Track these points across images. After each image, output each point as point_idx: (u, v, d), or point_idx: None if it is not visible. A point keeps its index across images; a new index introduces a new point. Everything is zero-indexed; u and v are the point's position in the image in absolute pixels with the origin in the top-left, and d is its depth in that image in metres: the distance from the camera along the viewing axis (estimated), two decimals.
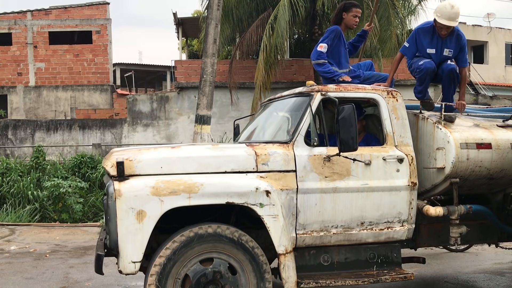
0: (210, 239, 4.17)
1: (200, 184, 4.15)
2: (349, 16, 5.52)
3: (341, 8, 5.55)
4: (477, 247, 8.15)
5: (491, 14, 28.29)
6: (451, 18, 4.99)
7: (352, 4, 5.55)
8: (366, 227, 4.69)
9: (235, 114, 16.05)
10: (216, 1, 10.50)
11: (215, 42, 10.49)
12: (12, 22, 22.69)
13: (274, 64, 15.02)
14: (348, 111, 4.26)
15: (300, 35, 20.89)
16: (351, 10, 5.50)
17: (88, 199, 12.19)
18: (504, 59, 28.85)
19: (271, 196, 4.24)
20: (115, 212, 4.00)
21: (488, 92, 22.69)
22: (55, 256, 7.89)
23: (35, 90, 22.59)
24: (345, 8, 5.52)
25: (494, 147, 4.98)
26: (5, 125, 18.70)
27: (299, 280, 4.37)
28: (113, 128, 18.48)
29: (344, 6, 5.55)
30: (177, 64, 19.08)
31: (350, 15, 5.51)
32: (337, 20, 5.56)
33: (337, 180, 4.58)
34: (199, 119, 10.36)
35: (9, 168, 12.80)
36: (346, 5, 5.53)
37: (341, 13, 5.53)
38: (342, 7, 5.54)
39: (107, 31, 22.88)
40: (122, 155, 4.27)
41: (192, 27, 22.00)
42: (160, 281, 4.06)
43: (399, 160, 4.73)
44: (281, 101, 5.35)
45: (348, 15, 5.52)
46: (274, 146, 4.55)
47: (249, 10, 16.42)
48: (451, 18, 4.99)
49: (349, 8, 5.51)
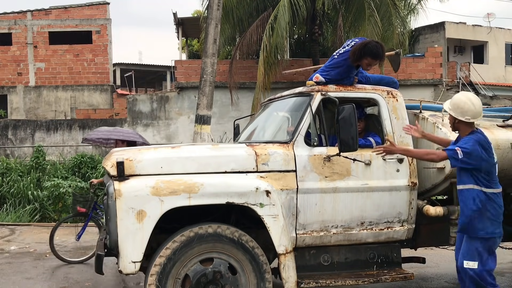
0: (210, 239, 4.17)
1: (200, 184, 4.15)
2: (363, 61, 4.88)
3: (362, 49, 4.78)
4: None
5: (491, 14, 28.28)
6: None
7: (371, 52, 4.80)
8: (366, 227, 4.69)
9: (235, 114, 16.05)
10: (216, 1, 10.50)
11: (215, 42, 10.49)
12: (12, 22, 22.68)
13: (274, 64, 15.02)
14: (348, 111, 4.26)
15: (300, 35, 20.89)
16: (367, 58, 4.83)
17: None
18: (504, 59, 28.83)
19: (271, 196, 4.24)
20: (115, 212, 4.00)
21: (488, 92, 22.69)
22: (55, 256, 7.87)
23: (35, 90, 22.58)
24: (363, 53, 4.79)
25: (494, 147, 4.95)
26: (5, 125, 18.70)
27: (299, 280, 4.37)
28: None
29: (364, 49, 4.78)
30: (177, 64, 19.08)
31: (365, 61, 4.88)
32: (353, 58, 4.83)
33: (337, 180, 4.58)
34: (199, 119, 10.36)
35: (9, 168, 12.80)
36: (366, 51, 4.78)
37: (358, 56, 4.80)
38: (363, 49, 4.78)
39: (107, 31, 22.87)
40: (122, 155, 4.27)
41: (192, 27, 22.01)
42: (160, 281, 4.06)
43: (399, 160, 4.73)
44: (281, 101, 5.35)
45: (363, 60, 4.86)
46: (274, 146, 4.55)
47: (249, 10, 16.43)
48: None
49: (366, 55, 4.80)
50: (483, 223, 4.18)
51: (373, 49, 4.78)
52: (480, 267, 4.17)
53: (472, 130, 4.29)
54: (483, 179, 4.19)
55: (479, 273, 4.17)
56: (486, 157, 4.17)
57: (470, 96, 4.36)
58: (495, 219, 4.20)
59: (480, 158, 4.14)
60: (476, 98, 4.35)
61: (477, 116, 4.27)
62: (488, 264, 4.19)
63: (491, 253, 4.23)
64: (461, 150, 4.12)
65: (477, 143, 4.17)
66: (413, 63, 18.33)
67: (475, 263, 4.19)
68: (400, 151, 4.45)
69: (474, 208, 4.18)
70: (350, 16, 15.72)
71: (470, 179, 4.20)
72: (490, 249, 4.23)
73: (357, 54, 4.78)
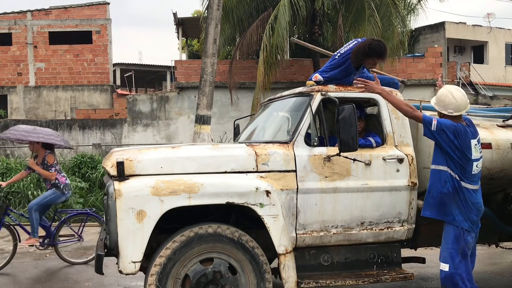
0: (210, 239, 4.17)
1: (200, 184, 4.15)
2: (367, 61, 4.85)
3: (364, 48, 4.72)
4: (477, 247, 8.13)
5: (491, 14, 28.30)
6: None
7: (374, 52, 4.72)
8: (366, 227, 4.68)
9: (235, 114, 16.05)
10: (216, 1, 10.49)
11: (215, 42, 10.49)
12: (12, 22, 22.69)
13: (274, 64, 15.02)
14: (348, 111, 4.25)
15: (300, 35, 20.88)
16: (370, 58, 4.77)
17: (88, 199, 12.18)
18: (504, 59, 28.84)
19: (271, 196, 4.24)
20: (115, 212, 4.00)
21: (488, 92, 22.70)
22: (55, 256, 7.87)
23: (35, 90, 22.59)
24: (366, 52, 4.72)
25: (494, 147, 4.98)
26: (5, 125, 18.69)
27: (299, 280, 4.37)
28: (113, 128, 18.48)
29: (367, 48, 4.71)
30: (177, 64, 19.09)
31: (368, 61, 4.85)
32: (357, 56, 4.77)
33: (337, 180, 4.57)
34: (199, 119, 10.36)
35: (9, 168, 12.79)
36: (369, 50, 4.71)
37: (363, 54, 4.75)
38: (365, 49, 4.71)
39: (107, 31, 22.88)
40: (122, 155, 4.27)
41: (192, 27, 22.02)
42: (160, 281, 4.06)
43: (399, 160, 4.73)
44: (281, 101, 5.34)
45: (366, 59, 4.82)
46: (274, 146, 4.55)
47: (249, 10, 16.43)
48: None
49: (369, 55, 4.74)
50: (450, 208, 4.08)
51: (376, 48, 4.75)
52: (451, 269, 4.12)
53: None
54: (456, 169, 4.11)
55: (450, 275, 4.11)
56: (458, 146, 4.07)
57: (452, 89, 4.29)
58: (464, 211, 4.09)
59: (450, 142, 4.06)
60: (459, 91, 4.27)
61: (460, 109, 4.18)
62: (460, 268, 4.10)
63: (464, 257, 4.13)
64: (437, 122, 4.08)
65: (454, 129, 4.09)
66: (413, 63, 18.33)
67: (446, 265, 4.15)
68: (379, 89, 4.39)
69: (444, 191, 4.08)
70: (350, 16, 15.72)
71: (444, 161, 4.12)
72: (464, 253, 4.15)
73: (360, 54, 4.75)
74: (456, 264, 4.11)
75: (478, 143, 4.24)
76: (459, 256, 4.11)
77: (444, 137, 4.09)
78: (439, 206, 4.20)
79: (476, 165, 4.18)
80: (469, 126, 4.26)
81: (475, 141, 4.19)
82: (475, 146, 4.16)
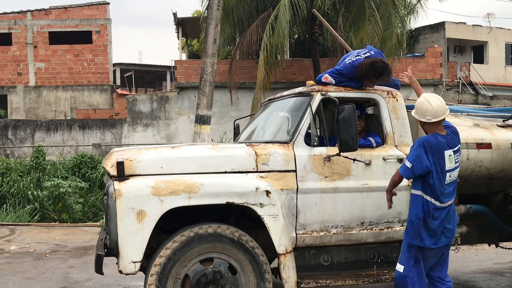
0: (210, 239, 4.17)
1: (200, 184, 4.15)
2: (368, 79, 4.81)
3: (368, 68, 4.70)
4: (477, 247, 8.15)
5: (491, 14, 28.29)
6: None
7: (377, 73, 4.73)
8: (366, 227, 4.69)
9: (235, 114, 16.05)
10: (216, 1, 10.49)
11: (215, 42, 10.48)
12: (12, 22, 22.69)
13: (274, 64, 15.02)
14: (348, 111, 4.25)
15: (300, 35, 20.89)
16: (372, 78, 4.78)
17: (88, 199, 12.19)
18: (504, 59, 28.83)
19: (271, 196, 4.24)
20: (115, 212, 4.00)
21: (488, 92, 22.70)
22: (55, 256, 7.88)
23: (35, 90, 22.59)
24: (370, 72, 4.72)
25: (494, 147, 4.98)
26: (5, 125, 18.70)
27: (299, 280, 4.37)
28: (113, 128, 18.48)
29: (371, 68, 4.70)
30: (177, 64, 19.09)
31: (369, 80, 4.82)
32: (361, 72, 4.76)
33: (337, 180, 4.58)
34: (199, 119, 10.35)
35: (9, 168, 12.80)
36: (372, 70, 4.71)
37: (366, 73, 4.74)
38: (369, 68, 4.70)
39: (107, 31, 22.88)
40: (122, 155, 4.27)
41: (192, 27, 22.02)
42: (160, 281, 4.06)
43: (399, 160, 4.73)
44: (281, 101, 5.35)
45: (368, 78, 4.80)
46: (274, 146, 4.55)
47: (249, 10, 16.42)
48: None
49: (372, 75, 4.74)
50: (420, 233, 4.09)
51: (379, 70, 4.73)
52: (405, 272, 4.15)
53: (435, 131, 4.14)
54: (432, 187, 4.06)
55: (403, 277, 4.15)
56: (433, 162, 4.02)
57: (429, 96, 4.24)
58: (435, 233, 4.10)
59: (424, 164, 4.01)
60: (436, 98, 4.20)
61: (438, 115, 4.11)
62: (412, 271, 4.12)
63: (416, 262, 4.14)
64: (407, 160, 4.07)
65: (419, 146, 4.05)
66: (413, 63, 18.33)
67: (402, 266, 4.19)
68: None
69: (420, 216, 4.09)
70: (350, 16, 15.72)
71: (419, 185, 4.11)
72: (416, 258, 4.15)
73: (364, 72, 4.74)
74: (410, 267, 4.15)
75: (455, 153, 4.14)
76: (412, 260, 4.15)
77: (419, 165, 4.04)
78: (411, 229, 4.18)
79: (450, 175, 4.11)
80: (448, 136, 4.16)
81: (450, 151, 4.09)
82: (450, 156, 4.09)
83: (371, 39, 13.98)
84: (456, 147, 4.16)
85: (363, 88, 4.91)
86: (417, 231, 4.12)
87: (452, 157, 4.12)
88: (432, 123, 4.14)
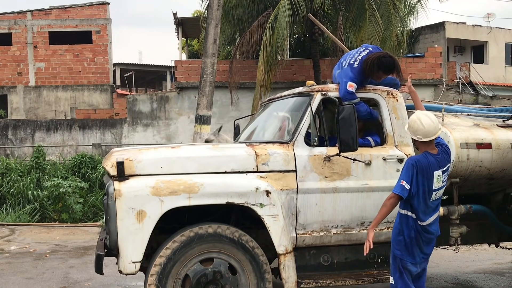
0: (210, 239, 4.17)
1: (200, 184, 4.15)
2: (376, 74, 4.84)
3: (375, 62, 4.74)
4: (477, 247, 8.15)
5: (491, 14, 28.27)
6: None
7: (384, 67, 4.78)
8: (366, 227, 4.68)
9: (235, 114, 16.05)
10: (216, 1, 10.49)
11: (215, 42, 10.48)
12: (12, 22, 22.68)
13: (274, 64, 15.02)
14: (348, 111, 4.26)
15: (300, 35, 20.89)
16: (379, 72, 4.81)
17: (88, 199, 12.19)
18: (504, 59, 28.82)
19: (271, 196, 4.24)
20: (115, 212, 4.00)
21: (488, 92, 22.68)
22: (55, 256, 7.89)
23: (35, 90, 22.58)
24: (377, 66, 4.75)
25: (494, 147, 4.98)
26: (5, 125, 18.70)
27: (299, 280, 4.37)
28: (113, 128, 18.48)
29: (378, 63, 4.74)
30: (177, 64, 19.09)
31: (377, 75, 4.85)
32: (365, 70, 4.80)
33: (337, 180, 4.58)
34: (199, 119, 10.36)
35: (9, 168, 12.80)
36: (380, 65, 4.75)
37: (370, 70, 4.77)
38: (376, 63, 4.74)
39: (107, 31, 22.87)
40: (122, 155, 4.27)
41: (192, 27, 22.01)
42: (160, 281, 4.06)
43: (399, 160, 4.73)
44: (281, 101, 5.35)
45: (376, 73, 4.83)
46: (274, 146, 4.55)
47: (249, 10, 16.42)
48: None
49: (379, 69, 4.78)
50: (406, 251, 4.12)
51: (387, 64, 4.76)
52: (393, 284, 4.21)
53: (426, 150, 4.14)
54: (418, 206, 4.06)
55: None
56: (422, 183, 4.03)
57: (421, 115, 4.20)
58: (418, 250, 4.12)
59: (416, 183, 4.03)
60: (427, 117, 4.15)
61: (429, 135, 4.09)
62: (399, 283, 4.15)
63: (401, 273, 4.16)
64: (403, 181, 4.06)
65: (412, 167, 4.05)
66: (413, 63, 18.33)
67: (392, 278, 4.24)
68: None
69: (406, 234, 4.11)
70: (350, 16, 15.72)
71: (407, 204, 4.11)
72: (400, 270, 4.17)
73: (370, 67, 4.74)
74: (396, 279, 4.19)
75: (444, 173, 4.13)
76: (398, 272, 4.18)
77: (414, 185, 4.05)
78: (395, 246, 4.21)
79: (435, 194, 4.13)
80: (439, 155, 4.15)
81: (439, 171, 4.09)
82: (438, 177, 4.09)
83: (371, 39, 13.97)
84: (446, 166, 4.16)
85: (364, 87, 4.91)
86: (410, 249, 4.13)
87: (441, 177, 4.13)
88: (423, 141, 4.15)
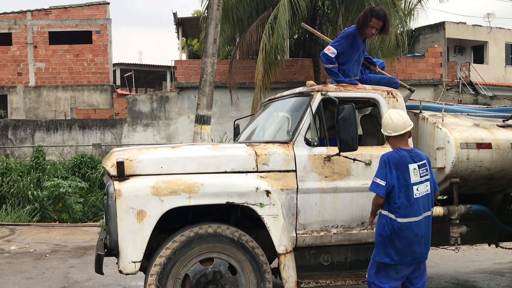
0: (210, 239, 4.17)
1: (200, 184, 4.15)
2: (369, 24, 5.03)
3: (366, 13, 5.05)
4: (477, 247, 8.15)
5: (491, 14, 28.28)
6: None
7: (373, 13, 5.02)
8: (367, 227, 4.68)
9: (235, 114, 16.06)
10: (216, 1, 10.49)
11: (215, 42, 10.48)
12: (12, 22, 22.69)
13: (274, 64, 15.02)
14: (348, 111, 4.26)
15: (300, 35, 20.89)
16: (371, 20, 5.01)
17: (88, 199, 12.20)
18: (504, 59, 28.82)
19: (271, 196, 4.24)
20: (115, 212, 4.00)
21: (488, 92, 22.69)
22: (55, 256, 7.89)
23: (35, 90, 22.59)
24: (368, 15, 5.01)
25: (494, 147, 4.98)
26: (5, 125, 18.70)
27: (299, 280, 4.37)
28: (113, 128, 18.49)
29: (367, 12, 5.05)
30: (177, 64, 19.09)
31: (370, 24, 5.03)
32: (359, 23, 5.07)
33: (337, 180, 4.58)
34: (199, 119, 10.36)
35: (9, 168, 12.80)
36: (367, 13, 5.03)
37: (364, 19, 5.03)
38: (367, 12, 5.04)
39: (107, 31, 22.88)
40: (122, 155, 4.27)
41: (192, 27, 22.02)
42: (160, 281, 4.06)
43: None
44: (281, 101, 5.35)
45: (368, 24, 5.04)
46: (274, 146, 4.55)
47: (249, 10, 16.42)
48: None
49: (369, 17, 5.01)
50: (386, 249, 4.08)
51: (377, 11, 5.04)
52: (368, 278, 4.24)
53: (398, 146, 4.16)
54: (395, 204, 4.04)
55: (368, 281, 4.26)
56: (397, 177, 4.03)
57: (392, 112, 4.30)
58: (403, 250, 4.05)
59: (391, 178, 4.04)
60: (397, 113, 4.22)
61: (397, 129, 4.12)
62: (375, 279, 4.16)
63: (378, 270, 4.16)
64: (377, 178, 4.08)
65: (384, 163, 4.08)
66: (413, 63, 18.32)
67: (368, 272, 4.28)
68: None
69: (383, 234, 4.09)
70: (350, 16, 15.71)
71: (388, 203, 4.08)
72: (378, 268, 4.17)
73: (363, 18, 5.00)
74: (371, 274, 4.22)
75: (420, 167, 4.10)
76: (374, 268, 4.20)
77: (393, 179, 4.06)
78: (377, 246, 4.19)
79: (417, 189, 4.07)
80: (412, 150, 4.18)
81: (414, 165, 4.08)
82: (414, 170, 4.08)
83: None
84: (421, 161, 4.14)
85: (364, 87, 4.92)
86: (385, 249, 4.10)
87: (417, 171, 4.10)
88: (395, 137, 4.18)
